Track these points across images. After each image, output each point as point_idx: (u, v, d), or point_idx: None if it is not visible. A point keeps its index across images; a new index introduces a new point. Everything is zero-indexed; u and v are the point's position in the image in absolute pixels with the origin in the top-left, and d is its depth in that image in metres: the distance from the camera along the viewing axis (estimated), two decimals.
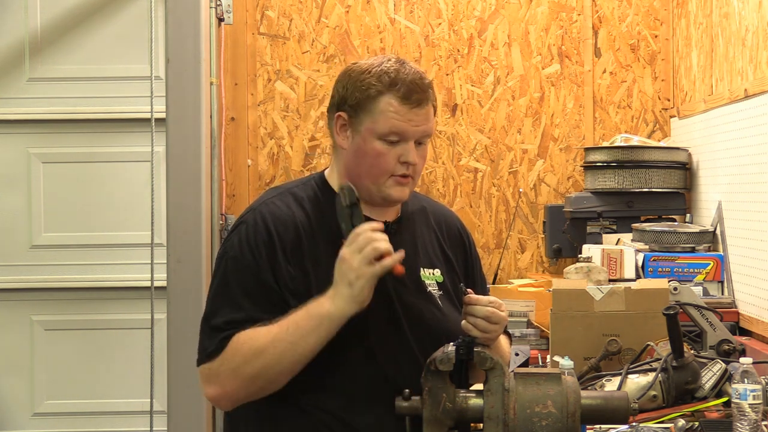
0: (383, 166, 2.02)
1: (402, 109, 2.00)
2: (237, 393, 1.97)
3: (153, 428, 3.91)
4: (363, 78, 2.03)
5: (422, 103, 2.02)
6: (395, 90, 2.00)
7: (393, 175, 2.03)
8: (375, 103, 2.01)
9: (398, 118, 2.00)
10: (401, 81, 2.01)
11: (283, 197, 2.08)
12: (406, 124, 2.01)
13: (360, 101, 2.02)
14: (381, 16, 4.59)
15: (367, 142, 2.02)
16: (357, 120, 2.03)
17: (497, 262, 4.50)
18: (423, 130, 2.04)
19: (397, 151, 2.02)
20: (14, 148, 4.16)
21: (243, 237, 2.02)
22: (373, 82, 2.02)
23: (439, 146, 4.58)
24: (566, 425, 1.87)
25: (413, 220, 2.17)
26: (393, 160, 2.02)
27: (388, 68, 2.03)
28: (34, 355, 4.17)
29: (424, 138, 2.06)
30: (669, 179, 4.07)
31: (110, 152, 4.17)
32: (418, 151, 2.05)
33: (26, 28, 4.15)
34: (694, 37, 4.15)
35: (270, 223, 2.02)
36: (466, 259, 2.24)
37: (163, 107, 3.62)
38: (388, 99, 2.00)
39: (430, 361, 1.90)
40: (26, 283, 4.16)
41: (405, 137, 2.02)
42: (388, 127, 2.01)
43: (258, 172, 4.59)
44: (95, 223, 4.17)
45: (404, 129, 2.01)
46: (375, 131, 2.01)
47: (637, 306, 2.93)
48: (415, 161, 2.03)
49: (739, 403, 2.21)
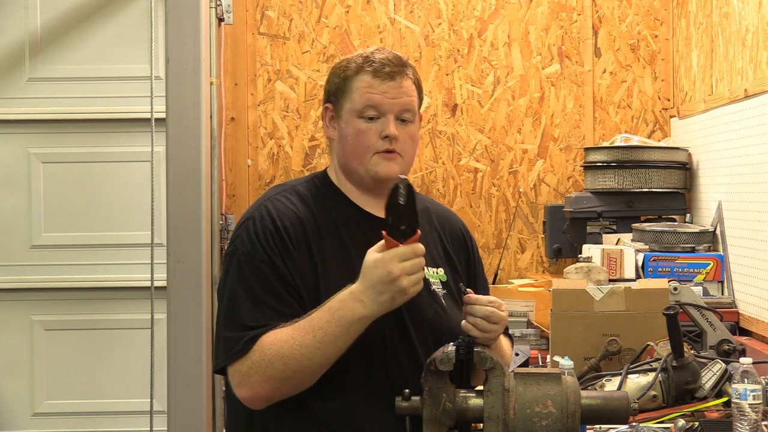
0: (365, 142, 2.04)
1: (374, 82, 2.04)
2: (269, 395, 1.95)
3: (153, 428, 3.91)
4: (340, 65, 2.10)
5: (395, 75, 2.05)
6: (367, 66, 2.05)
7: (377, 152, 2.04)
8: (350, 82, 2.06)
9: (372, 91, 2.03)
10: (372, 59, 2.05)
11: (286, 194, 2.09)
12: (381, 96, 2.03)
13: (339, 86, 2.08)
14: (381, 16, 4.59)
15: (348, 124, 2.06)
16: (339, 106, 2.08)
17: (497, 262, 4.50)
18: (401, 104, 2.05)
19: (377, 126, 2.04)
20: (14, 148, 4.15)
21: (252, 232, 2.01)
22: (349, 65, 2.08)
23: (439, 146, 4.58)
24: (566, 425, 1.87)
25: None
26: (374, 136, 2.04)
27: (364, 52, 2.09)
28: (34, 355, 4.17)
29: (405, 113, 2.06)
30: (669, 179, 4.07)
31: (110, 152, 4.17)
32: (404, 129, 2.06)
33: (26, 28, 4.14)
34: (694, 37, 4.15)
35: (276, 217, 2.02)
36: (468, 261, 2.24)
37: (163, 107, 3.61)
38: (361, 76, 2.05)
39: (430, 361, 1.90)
40: (26, 283, 4.15)
41: (382, 111, 2.04)
42: (363, 102, 2.04)
43: (258, 172, 4.59)
44: (95, 223, 4.17)
45: (378, 101, 2.03)
46: (353, 110, 2.05)
47: (637, 306, 2.93)
48: (396, 134, 2.03)
49: (739, 403, 2.21)
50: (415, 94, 2.09)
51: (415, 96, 2.09)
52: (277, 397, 1.96)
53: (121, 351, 4.17)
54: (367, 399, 1.99)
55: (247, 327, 1.94)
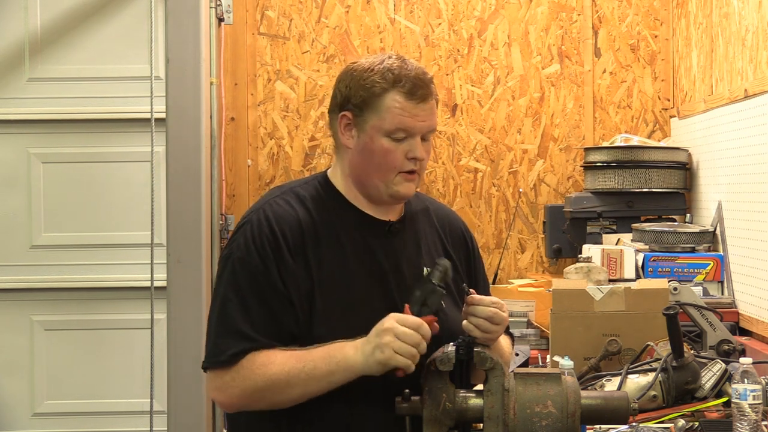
0: (392, 163, 2.03)
1: (408, 105, 2.02)
2: (243, 407, 2.03)
3: (153, 428, 3.91)
4: (366, 76, 2.04)
5: (427, 98, 2.04)
6: (400, 86, 2.01)
7: (401, 171, 2.05)
8: (380, 100, 2.02)
9: (404, 114, 2.02)
10: (405, 77, 2.02)
11: (285, 196, 2.09)
12: (413, 119, 2.02)
13: (365, 99, 2.03)
14: (381, 16, 4.59)
15: (374, 140, 2.03)
16: (362, 118, 2.04)
17: (497, 262, 4.50)
18: (428, 125, 2.05)
19: (404, 147, 2.03)
20: (14, 148, 4.15)
21: (248, 237, 2.02)
22: (377, 79, 2.02)
23: (439, 146, 4.58)
24: (566, 425, 1.87)
25: (417, 219, 2.18)
26: (401, 156, 2.03)
27: (390, 65, 2.04)
28: (34, 355, 4.17)
29: (429, 133, 2.07)
30: (669, 179, 4.07)
31: (110, 152, 4.17)
32: (425, 147, 2.06)
33: (26, 28, 4.14)
34: (694, 37, 4.15)
35: (274, 222, 2.02)
36: (469, 260, 2.24)
37: (163, 107, 3.61)
38: (393, 95, 2.01)
39: (430, 361, 1.90)
40: (26, 283, 4.15)
41: (411, 133, 2.03)
42: (395, 124, 2.02)
43: (258, 172, 4.59)
44: (95, 223, 4.17)
45: (411, 125, 2.02)
46: (382, 128, 2.02)
47: (637, 306, 2.92)
48: (423, 156, 2.05)
49: (739, 403, 2.21)
50: (436, 110, 2.09)
51: (436, 112, 2.09)
52: (248, 409, 2.03)
53: (121, 351, 4.17)
54: (364, 397, 2.00)
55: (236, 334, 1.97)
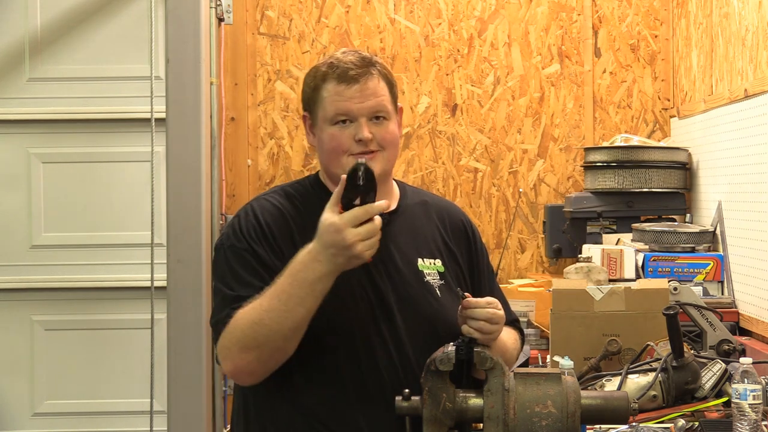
0: (339, 147, 2.06)
1: (340, 88, 2.06)
2: (250, 366, 1.97)
3: (153, 428, 3.91)
4: (310, 74, 2.13)
5: (360, 78, 2.06)
6: (332, 74, 2.07)
7: (351, 154, 2.06)
8: (320, 91, 2.08)
9: (340, 99, 2.06)
10: (336, 65, 2.07)
11: (273, 194, 2.16)
12: (348, 102, 2.05)
13: (310, 97, 2.11)
14: (381, 16, 4.59)
15: (323, 131, 2.09)
16: (314, 114, 2.12)
17: (497, 262, 4.50)
18: (370, 106, 2.06)
19: (351, 130, 2.06)
20: (14, 148, 4.15)
21: (236, 227, 2.09)
22: (316, 75, 2.10)
23: (439, 146, 4.58)
24: (566, 425, 1.87)
25: (412, 212, 2.19)
26: (347, 140, 2.06)
27: (327, 58, 2.11)
28: (34, 355, 4.17)
29: (377, 113, 2.07)
30: (669, 179, 4.07)
31: (110, 152, 4.17)
32: (380, 127, 2.07)
33: (26, 28, 4.14)
34: (694, 37, 4.15)
35: (259, 213, 2.09)
36: (470, 250, 2.25)
37: (163, 107, 3.61)
38: (327, 85, 2.07)
39: (430, 361, 1.91)
40: (26, 283, 4.16)
41: (352, 116, 2.06)
42: (333, 110, 2.06)
43: (258, 172, 4.59)
44: (95, 223, 4.17)
45: (348, 108, 2.05)
46: (326, 118, 2.08)
47: (637, 306, 2.93)
48: (368, 137, 2.05)
49: (739, 403, 2.21)
50: (386, 92, 2.09)
51: (386, 93, 2.09)
52: (259, 370, 1.98)
53: (120, 351, 4.17)
54: (356, 391, 2.01)
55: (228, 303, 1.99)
